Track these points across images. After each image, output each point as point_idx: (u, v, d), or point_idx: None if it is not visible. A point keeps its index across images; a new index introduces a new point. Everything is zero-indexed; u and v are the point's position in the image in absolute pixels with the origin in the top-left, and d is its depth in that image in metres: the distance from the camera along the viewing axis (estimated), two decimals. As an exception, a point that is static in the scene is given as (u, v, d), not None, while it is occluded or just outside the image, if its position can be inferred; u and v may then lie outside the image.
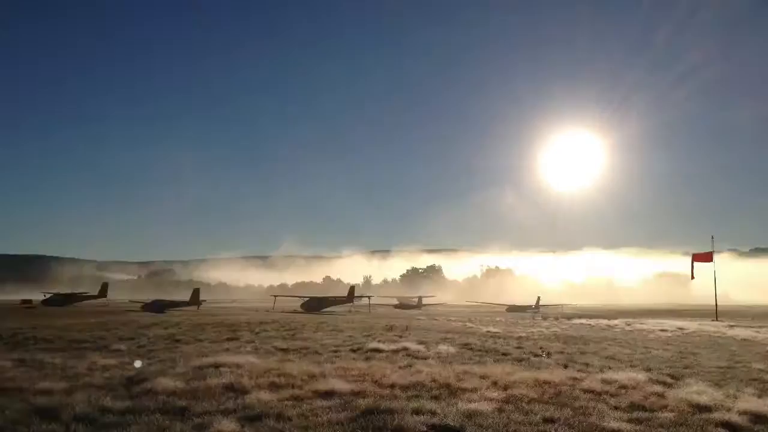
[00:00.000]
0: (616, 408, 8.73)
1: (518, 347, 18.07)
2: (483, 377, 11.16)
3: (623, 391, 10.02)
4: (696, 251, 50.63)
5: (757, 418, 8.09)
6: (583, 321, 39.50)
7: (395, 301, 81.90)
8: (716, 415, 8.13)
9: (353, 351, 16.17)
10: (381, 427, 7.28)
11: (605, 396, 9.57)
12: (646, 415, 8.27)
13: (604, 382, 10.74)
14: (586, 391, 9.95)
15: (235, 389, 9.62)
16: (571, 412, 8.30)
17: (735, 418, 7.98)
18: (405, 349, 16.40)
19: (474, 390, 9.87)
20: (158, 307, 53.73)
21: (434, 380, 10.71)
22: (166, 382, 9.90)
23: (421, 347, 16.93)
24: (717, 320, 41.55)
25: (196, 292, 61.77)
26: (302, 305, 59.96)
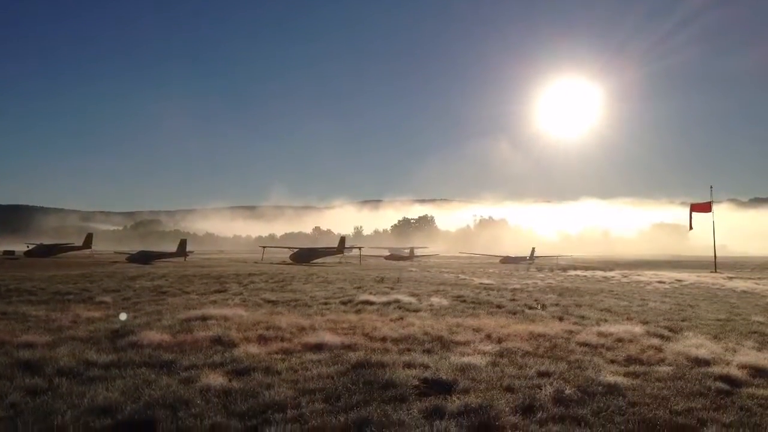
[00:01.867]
0: (612, 362, 8.59)
1: (512, 299, 17.99)
2: (476, 330, 11.04)
3: (620, 344, 9.89)
4: (694, 201, 50.36)
5: (756, 371, 7.95)
6: (579, 273, 39.80)
7: (386, 252, 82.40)
8: (715, 369, 7.98)
9: (343, 303, 16.03)
10: (372, 381, 7.08)
11: (601, 349, 9.43)
12: (643, 368, 8.11)
13: (600, 335, 10.62)
14: (581, 344, 9.82)
15: (222, 342, 9.43)
16: (566, 366, 8.13)
17: (734, 371, 7.83)
18: (396, 301, 16.29)
19: (467, 343, 9.72)
20: (144, 258, 53.60)
21: (426, 333, 10.57)
22: (152, 335, 9.71)
23: (413, 299, 16.82)
24: (716, 272, 41.90)
25: (182, 243, 61.67)
26: (291, 256, 60.11)
